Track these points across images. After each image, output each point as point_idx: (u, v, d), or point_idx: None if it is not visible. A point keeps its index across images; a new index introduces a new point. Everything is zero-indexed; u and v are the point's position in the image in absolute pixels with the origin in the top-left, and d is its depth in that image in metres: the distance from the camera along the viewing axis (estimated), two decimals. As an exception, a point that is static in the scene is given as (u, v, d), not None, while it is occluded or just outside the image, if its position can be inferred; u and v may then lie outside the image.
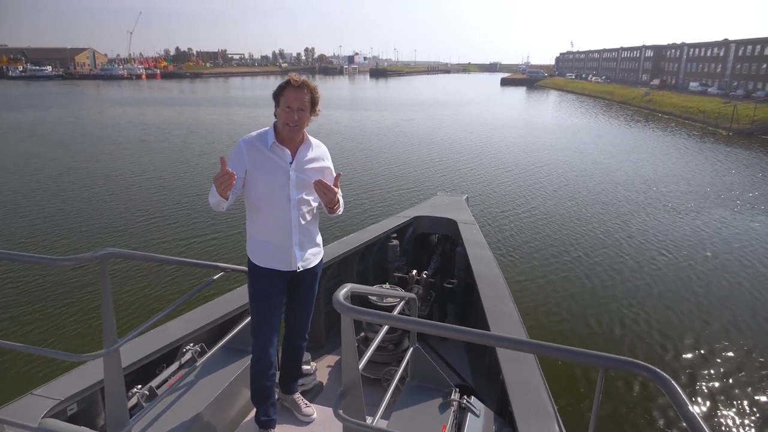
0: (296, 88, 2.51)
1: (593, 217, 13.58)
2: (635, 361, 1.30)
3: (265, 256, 2.67)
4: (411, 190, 16.28)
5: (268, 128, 2.64)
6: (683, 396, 1.21)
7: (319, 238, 2.86)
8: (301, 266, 2.72)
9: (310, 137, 2.70)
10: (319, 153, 2.72)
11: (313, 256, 2.79)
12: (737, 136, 31.61)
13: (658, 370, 1.26)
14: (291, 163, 2.61)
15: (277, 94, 2.56)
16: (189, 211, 13.52)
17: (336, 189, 2.53)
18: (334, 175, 2.74)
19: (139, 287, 8.90)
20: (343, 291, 1.73)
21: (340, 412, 1.72)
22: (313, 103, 2.58)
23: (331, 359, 4.51)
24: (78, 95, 61.90)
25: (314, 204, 2.72)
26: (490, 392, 3.66)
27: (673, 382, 1.23)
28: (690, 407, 1.19)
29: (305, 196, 2.65)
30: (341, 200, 2.67)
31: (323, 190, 2.48)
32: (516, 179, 18.17)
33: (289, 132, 2.55)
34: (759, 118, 33.44)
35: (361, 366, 1.90)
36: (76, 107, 44.89)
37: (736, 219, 13.83)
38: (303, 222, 2.68)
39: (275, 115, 2.61)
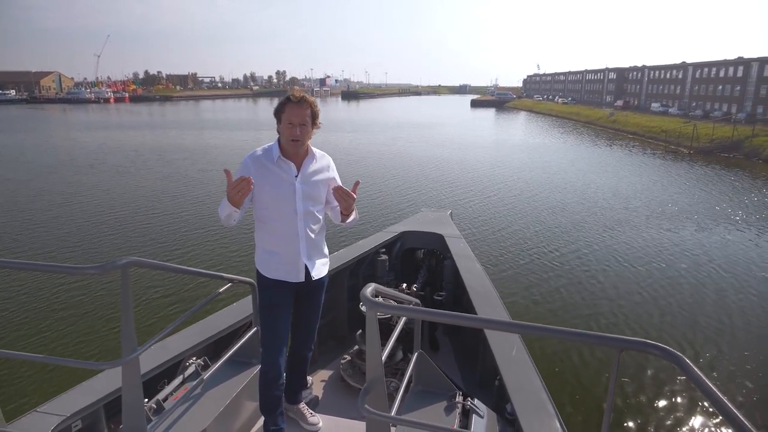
0: (297, 103, 2.59)
1: (576, 227, 13.91)
2: (649, 341, 1.41)
3: (274, 268, 2.73)
4: (395, 206, 16.51)
5: (272, 143, 2.71)
6: (698, 371, 1.32)
7: (325, 249, 2.92)
8: (308, 277, 2.77)
9: (314, 149, 2.76)
10: (323, 164, 2.78)
11: (321, 266, 2.85)
12: (698, 154, 33.04)
13: (671, 348, 1.37)
14: (296, 176, 2.67)
15: (279, 111, 2.64)
16: (194, 228, 13.75)
17: (355, 195, 2.60)
18: (339, 184, 2.82)
19: (153, 297, 9.11)
20: (370, 289, 1.83)
21: (366, 406, 1.78)
22: (314, 116, 2.66)
23: (324, 374, 4.52)
24: (43, 119, 60.50)
25: (320, 216, 2.78)
26: (484, 399, 3.75)
27: (686, 359, 1.34)
28: (706, 381, 1.29)
29: (311, 208, 2.71)
30: (355, 210, 2.73)
31: (343, 196, 2.55)
32: (496, 195, 18.62)
33: (293, 147, 2.63)
34: (717, 137, 35.21)
35: (384, 357, 1.97)
36: (43, 131, 43.91)
37: (701, 228, 14.41)
38: (310, 233, 2.73)
39: (278, 131, 2.68)
